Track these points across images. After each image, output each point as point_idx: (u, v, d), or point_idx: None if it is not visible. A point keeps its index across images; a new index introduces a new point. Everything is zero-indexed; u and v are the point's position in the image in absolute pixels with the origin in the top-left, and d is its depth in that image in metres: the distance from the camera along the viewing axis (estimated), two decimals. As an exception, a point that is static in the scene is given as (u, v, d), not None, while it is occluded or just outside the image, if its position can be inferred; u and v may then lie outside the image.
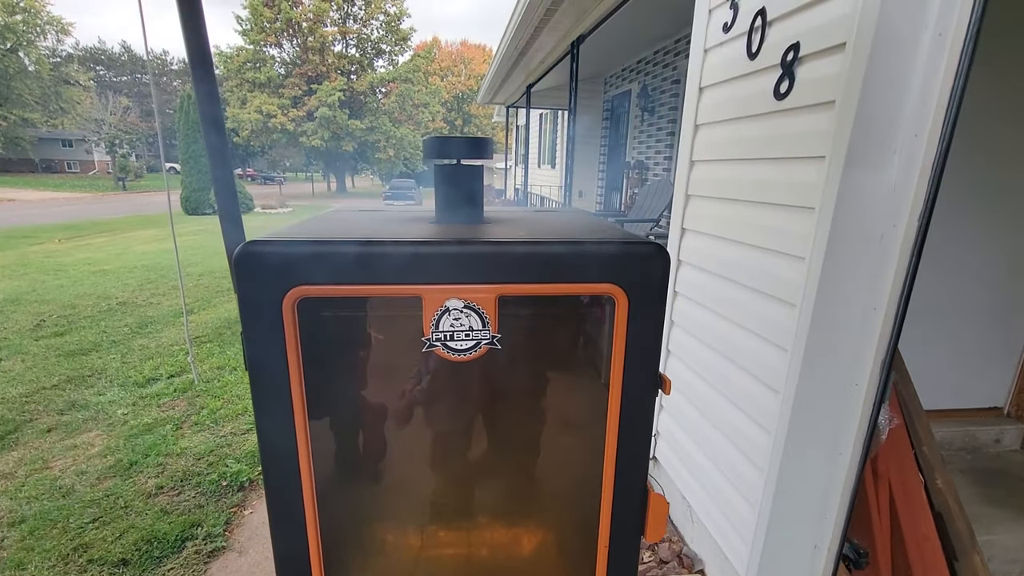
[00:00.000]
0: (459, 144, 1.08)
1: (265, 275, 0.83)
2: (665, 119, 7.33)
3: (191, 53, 1.03)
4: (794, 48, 1.61)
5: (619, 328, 0.90)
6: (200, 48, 1.03)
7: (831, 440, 1.64)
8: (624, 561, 1.04)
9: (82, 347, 4.63)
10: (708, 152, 2.17)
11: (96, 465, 2.82)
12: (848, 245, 1.46)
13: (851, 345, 1.55)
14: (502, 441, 1.04)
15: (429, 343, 0.87)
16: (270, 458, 0.90)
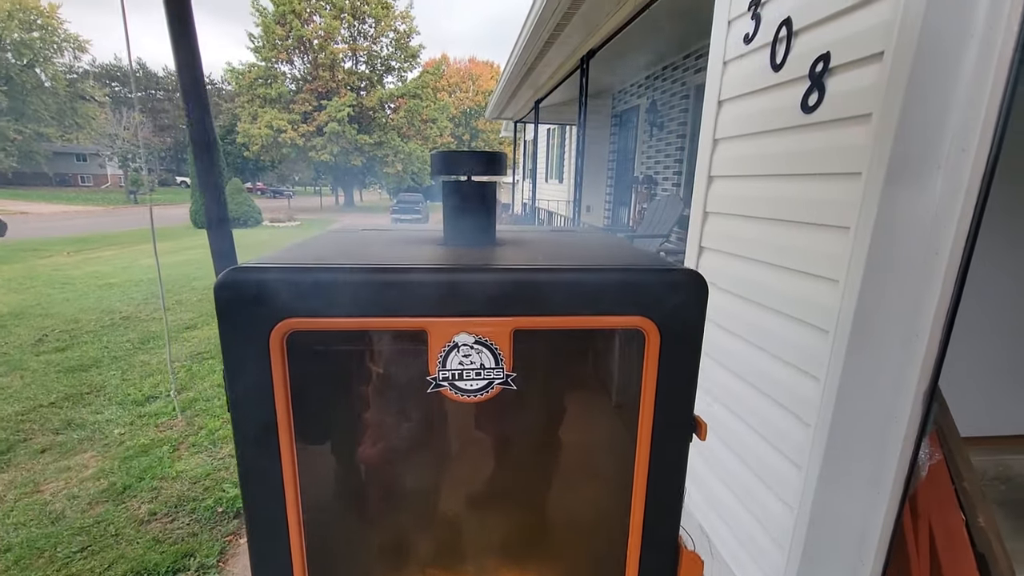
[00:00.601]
0: (470, 159, 0.98)
1: (250, 306, 0.73)
2: (674, 134, 7.27)
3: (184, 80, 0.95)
4: (824, 59, 1.51)
5: (649, 366, 0.79)
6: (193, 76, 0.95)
7: (869, 477, 1.51)
8: (653, 627, 0.92)
9: (83, 363, 4.56)
10: (728, 168, 2.08)
11: (88, 489, 2.71)
12: (888, 268, 1.35)
13: (890, 375, 1.43)
14: (516, 493, 0.93)
15: (435, 383, 0.77)
16: (255, 515, 0.80)
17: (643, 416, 0.82)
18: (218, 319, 0.73)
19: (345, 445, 0.88)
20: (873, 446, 1.49)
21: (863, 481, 1.51)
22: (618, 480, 0.86)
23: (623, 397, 0.85)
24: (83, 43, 42.95)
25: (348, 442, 0.88)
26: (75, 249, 12.54)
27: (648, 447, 0.83)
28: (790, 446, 1.65)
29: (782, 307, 1.70)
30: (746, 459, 1.90)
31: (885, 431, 1.47)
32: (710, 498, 2.19)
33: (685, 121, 7.02)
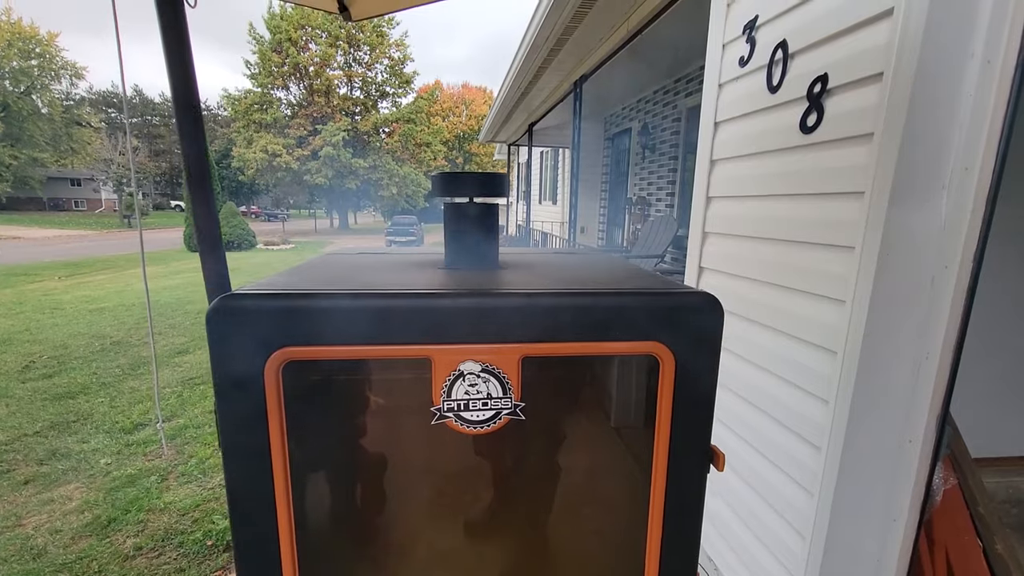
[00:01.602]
0: (472, 181, 0.96)
1: (244, 335, 0.69)
2: (667, 156, 7.35)
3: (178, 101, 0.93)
4: (822, 80, 1.52)
5: (664, 394, 0.76)
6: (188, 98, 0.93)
7: (884, 503, 1.46)
8: (671, 673, 0.86)
9: (70, 390, 4.45)
10: (726, 188, 2.07)
11: (72, 523, 2.61)
12: (896, 288, 1.32)
13: (902, 397, 1.40)
14: (525, 530, 0.88)
15: (440, 414, 0.73)
16: (246, 557, 0.74)
17: (658, 446, 0.78)
18: (210, 348, 0.69)
19: (344, 483, 0.83)
20: (887, 471, 1.45)
21: (878, 508, 1.47)
22: (633, 514, 0.82)
23: (637, 426, 0.81)
24: (80, 70, 43.40)
25: (347, 480, 0.83)
26: (67, 273, 12.41)
27: (664, 479, 0.79)
28: (801, 472, 1.60)
29: (787, 328, 1.67)
30: (755, 486, 1.84)
31: (898, 456, 1.43)
32: (718, 526, 2.12)
33: (677, 143, 7.11)
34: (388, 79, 35.91)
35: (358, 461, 0.82)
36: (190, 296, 8.99)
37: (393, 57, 35.55)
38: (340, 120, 32.44)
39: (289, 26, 31.49)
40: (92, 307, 8.08)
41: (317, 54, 32.94)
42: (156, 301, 8.54)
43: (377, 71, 35.54)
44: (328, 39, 32.94)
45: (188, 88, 0.88)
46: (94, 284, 10.72)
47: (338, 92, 34.09)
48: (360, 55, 34.79)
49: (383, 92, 36.21)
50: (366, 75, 35.13)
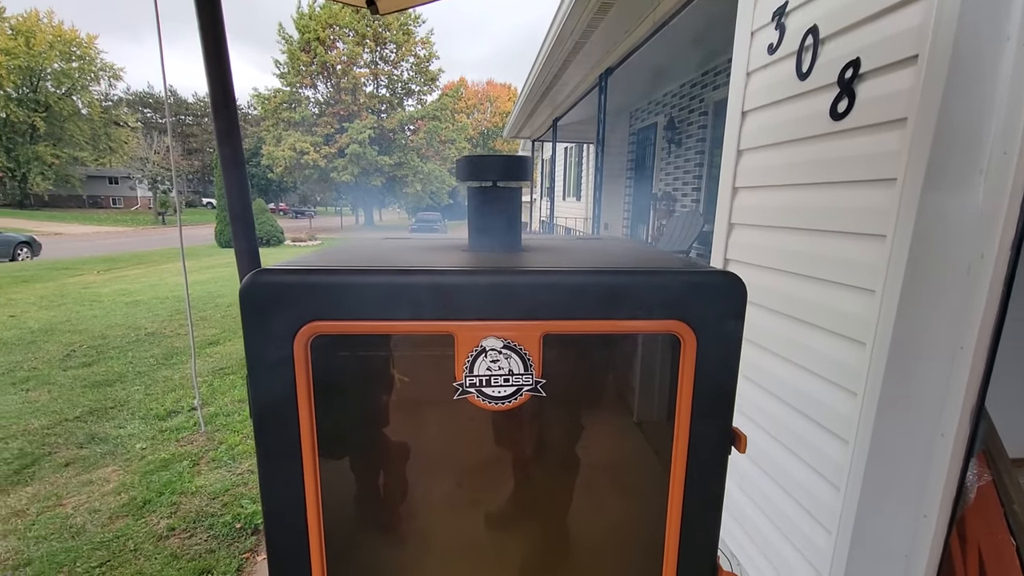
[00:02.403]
0: (495, 164, 0.97)
1: (275, 309, 0.72)
2: (693, 151, 7.24)
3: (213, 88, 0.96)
4: (853, 64, 1.48)
5: (685, 373, 0.76)
6: (223, 84, 0.96)
7: (914, 499, 1.43)
8: (690, 655, 0.86)
9: (108, 378, 4.63)
10: (753, 178, 2.04)
11: (110, 503, 2.72)
12: (929, 277, 1.29)
13: (934, 390, 1.36)
14: (544, 506, 0.89)
15: (461, 389, 0.74)
16: (274, 522, 0.77)
17: (679, 426, 0.78)
18: (243, 322, 0.72)
19: (367, 453, 0.85)
20: (917, 466, 1.41)
21: (908, 504, 1.43)
22: (652, 494, 0.82)
23: (658, 406, 0.81)
24: (118, 71, 44.88)
25: (370, 450, 0.85)
26: (105, 268, 12.89)
27: (684, 459, 0.79)
28: (828, 466, 1.57)
29: (815, 319, 1.64)
30: (779, 480, 1.82)
31: (930, 450, 1.39)
32: (741, 520, 2.10)
33: (704, 137, 7.00)
34: (414, 77, 36.22)
35: (381, 433, 0.84)
36: (220, 290, 9.25)
37: (419, 55, 35.82)
38: (366, 118, 32.86)
39: (317, 25, 32.00)
40: (128, 300, 8.38)
41: (344, 53, 33.41)
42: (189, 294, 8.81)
43: (403, 69, 35.88)
44: (355, 37, 33.37)
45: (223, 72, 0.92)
46: (130, 278, 11.11)
47: (364, 90, 34.52)
48: (386, 53, 35.16)
49: (408, 90, 36.55)
50: (392, 73, 35.49)
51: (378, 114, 34.59)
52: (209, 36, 1.08)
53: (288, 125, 32.77)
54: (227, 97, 1.04)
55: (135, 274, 11.77)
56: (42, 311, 7.44)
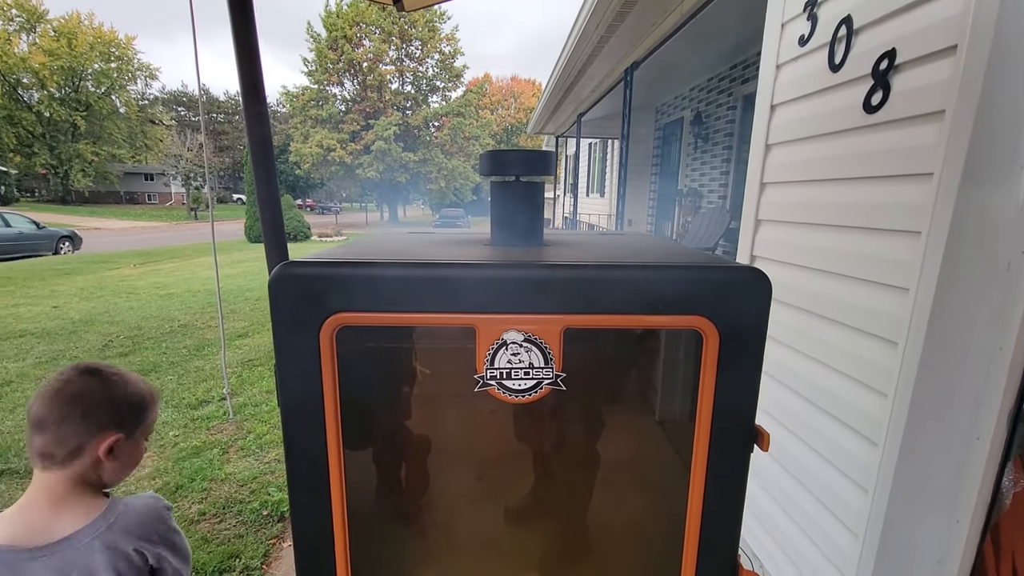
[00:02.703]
0: (518, 159, 0.97)
1: (302, 300, 0.73)
2: (720, 146, 7.11)
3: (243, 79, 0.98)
4: (888, 56, 1.44)
5: (707, 370, 0.75)
6: (254, 82, 0.98)
7: (946, 504, 1.39)
8: (709, 653, 0.86)
9: (143, 367, 4.80)
10: (782, 173, 2.00)
11: (145, 487, 2.83)
12: (966, 275, 1.24)
13: (970, 392, 1.31)
14: (562, 501, 0.89)
15: (482, 382, 0.75)
16: (301, 509, 0.79)
17: (700, 423, 0.77)
18: (271, 313, 0.74)
19: (389, 442, 0.87)
20: (950, 470, 1.37)
21: (939, 508, 1.39)
22: (672, 491, 0.82)
23: (679, 403, 0.80)
24: (154, 71, 46.29)
25: (392, 439, 0.87)
26: (140, 262, 13.34)
27: (705, 457, 0.78)
28: (855, 468, 1.53)
29: (844, 318, 1.60)
30: (805, 481, 1.78)
31: (964, 454, 1.35)
32: (764, 522, 2.06)
33: (732, 132, 6.86)
34: (438, 73, 36.41)
35: (403, 424, 0.86)
36: (249, 284, 9.48)
37: (444, 51, 35.98)
38: (391, 115, 33.19)
39: (344, 23, 32.42)
40: (162, 293, 8.66)
41: (371, 50, 33.78)
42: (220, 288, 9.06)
43: (428, 65, 36.11)
44: (381, 35, 33.70)
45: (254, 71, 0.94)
46: (164, 272, 11.47)
47: (390, 87, 34.86)
48: (412, 50, 35.42)
49: (433, 86, 36.76)
50: (417, 70, 35.75)
51: (403, 111, 34.91)
52: (241, 35, 1.11)
53: (315, 122, 33.32)
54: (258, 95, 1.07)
55: (169, 268, 12.16)
56: (82, 302, 7.75)
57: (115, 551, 0.89)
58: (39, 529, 0.87)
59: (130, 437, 0.98)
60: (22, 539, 0.85)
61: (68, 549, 0.87)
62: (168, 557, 0.98)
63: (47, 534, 0.87)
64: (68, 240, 16.24)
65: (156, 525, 0.98)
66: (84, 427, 0.91)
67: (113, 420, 0.95)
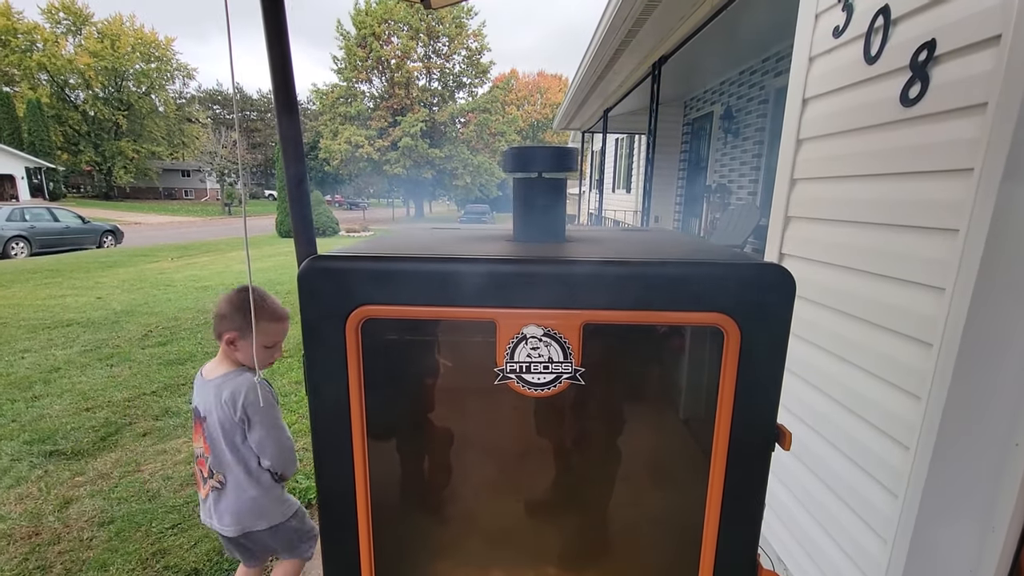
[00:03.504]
0: (541, 155, 0.98)
1: (329, 293, 0.76)
2: (751, 140, 6.95)
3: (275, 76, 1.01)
4: (928, 47, 1.39)
5: (728, 368, 0.75)
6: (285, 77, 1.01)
7: (982, 511, 1.34)
8: (727, 652, 0.85)
9: (180, 357, 4.98)
10: (813, 169, 1.95)
11: (181, 472, 2.95)
12: (1006, 274, 1.20)
13: (1009, 396, 1.27)
14: (579, 496, 0.90)
15: (502, 375, 0.76)
16: (327, 493, 0.82)
17: (720, 421, 0.77)
18: (300, 304, 0.77)
19: (411, 433, 0.89)
20: (987, 476, 1.32)
21: (974, 515, 1.34)
22: (692, 488, 0.82)
23: (699, 400, 0.80)
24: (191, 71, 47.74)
25: (414, 430, 0.89)
26: (177, 255, 13.81)
27: (725, 455, 0.78)
28: (885, 472, 1.50)
29: (876, 318, 1.56)
30: (832, 485, 1.74)
31: (1002, 460, 1.30)
32: (791, 526, 2.03)
33: (763, 127, 6.70)
34: (465, 69, 36.54)
35: (425, 415, 0.88)
36: (279, 278, 9.72)
37: (471, 47, 36.08)
38: (418, 111, 33.47)
39: (373, 21, 32.80)
40: (198, 285, 8.96)
41: (399, 47, 34.10)
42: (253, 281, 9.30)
43: (455, 62, 36.26)
44: (409, 32, 33.98)
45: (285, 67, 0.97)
46: (199, 265, 11.85)
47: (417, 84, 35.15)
48: (439, 46, 35.61)
49: (460, 83, 36.91)
50: (444, 66, 35.95)
51: (430, 107, 35.15)
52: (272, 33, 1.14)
53: (344, 119, 33.85)
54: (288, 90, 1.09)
55: (204, 261, 12.55)
56: (124, 294, 8.08)
57: (221, 397, 1.53)
58: (209, 369, 1.62)
59: (243, 338, 1.55)
60: (206, 371, 1.63)
61: (211, 384, 1.56)
62: (248, 418, 1.55)
63: (212, 373, 1.60)
64: (111, 234, 16.93)
65: (235, 396, 1.52)
66: (219, 324, 1.57)
67: (233, 324, 1.54)
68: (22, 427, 3.47)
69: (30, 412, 3.71)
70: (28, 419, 3.60)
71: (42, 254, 14.29)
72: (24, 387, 4.18)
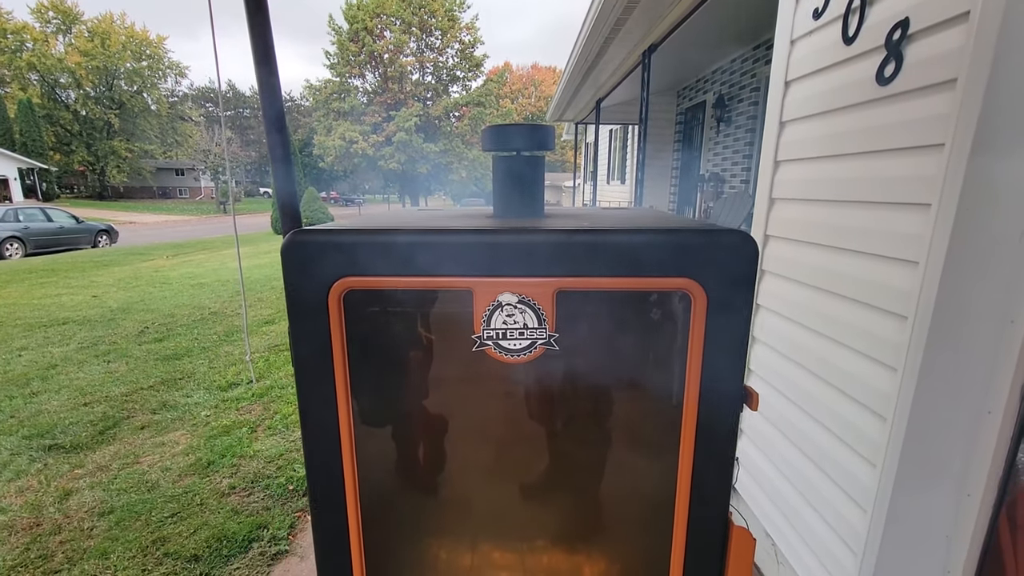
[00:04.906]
0: (518, 133, 1.01)
1: (311, 265, 0.79)
2: (743, 128, 6.97)
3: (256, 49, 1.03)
4: (902, 25, 1.41)
5: (696, 330, 0.78)
6: (264, 45, 1.03)
7: (956, 478, 1.38)
8: (701, 605, 0.89)
9: (176, 352, 5.00)
10: (795, 150, 1.98)
11: (179, 463, 2.98)
12: (976, 246, 1.23)
13: (981, 365, 1.30)
14: (558, 455, 0.93)
15: (480, 342, 0.79)
16: (312, 453, 0.85)
17: (690, 383, 0.80)
18: (284, 276, 0.80)
19: (393, 398, 0.92)
20: (961, 444, 1.36)
21: (949, 482, 1.39)
22: (664, 450, 0.85)
23: (670, 363, 0.83)
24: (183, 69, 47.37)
25: (396, 396, 0.92)
26: (173, 253, 13.79)
27: (695, 416, 0.81)
28: (864, 443, 1.54)
29: (856, 294, 1.59)
30: (814, 457, 1.79)
31: (975, 428, 1.34)
32: (776, 500, 2.07)
33: (755, 115, 6.72)
34: (459, 63, 36.39)
35: (405, 381, 0.91)
36: (275, 274, 9.73)
37: (464, 41, 35.91)
38: (412, 106, 33.34)
39: (365, 15, 32.59)
40: (193, 282, 8.96)
41: (391, 41, 33.90)
42: (246, 278, 9.32)
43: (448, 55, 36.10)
44: (402, 26, 33.78)
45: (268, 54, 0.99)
46: (195, 263, 11.84)
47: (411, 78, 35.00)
48: (432, 40, 35.43)
49: (454, 76, 36.77)
50: (437, 60, 35.79)
51: (424, 102, 35.03)
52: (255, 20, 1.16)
53: (338, 115, 33.70)
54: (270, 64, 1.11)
55: (199, 259, 12.54)
56: (119, 292, 8.08)
57: None
58: None
59: None
60: None
61: None
62: None
63: None
64: (105, 234, 16.87)
65: None
66: None
67: None
68: (21, 422, 3.50)
69: (28, 408, 3.74)
70: (27, 414, 3.62)
71: (37, 255, 14.25)
72: (22, 384, 4.20)
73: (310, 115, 39.54)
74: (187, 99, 51.63)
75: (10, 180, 28.94)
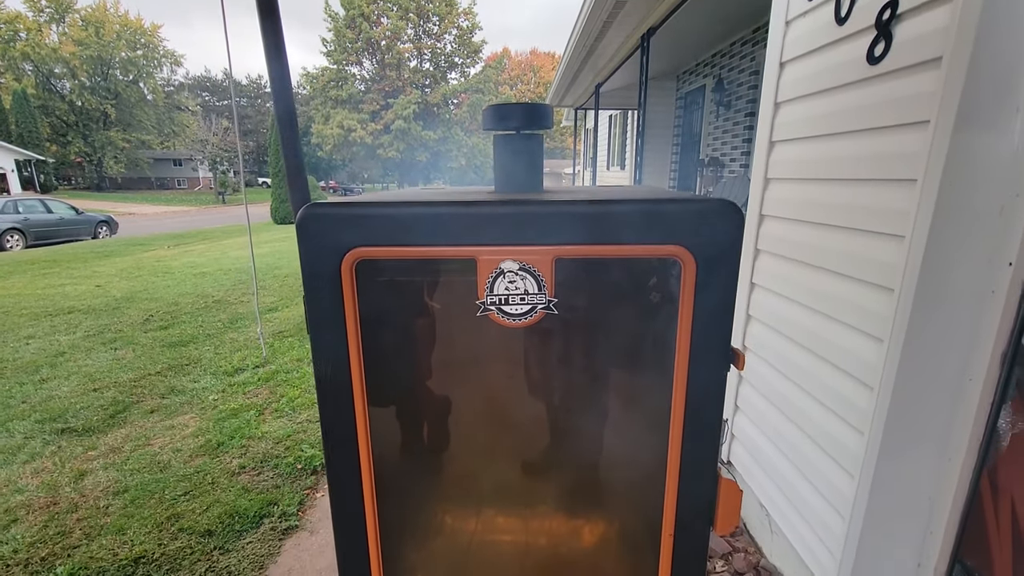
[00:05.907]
0: (518, 112, 1.05)
1: (324, 236, 0.84)
2: (743, 112, 6.97)
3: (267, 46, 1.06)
4: (891, 5, 1.45)
5: (686, 294, 0.83)
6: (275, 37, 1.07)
7: (939, 443, 1.45)
8: (691, 552, 0.96)
9: (182, 339, 5.07)
10: (790, 131, 2.02)
11: (189, 444, 3.05)
12: (959, 219, 1.28)
13: (963, 334, 1.36)
14: (557, 415, 1.00)
15: (483, 307, 0.85)
16: (329, 420, 0.91)
17: (680, 345, 0.86)
18: (299, 249, 0.85)
19: (404, 363, 0.98)
20: (943, 409, 1.42)
21: (932, 446, 1.45)
22: (657, 408, 0.91)
23: (662, 325, 0.89)
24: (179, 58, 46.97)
25: (406, 360, 0.98)
26: (174, 243, 13.82)
27: (685, 376, 0.87)
28: (853, 412, 1.60)
29: (846, 269, 1.65)
30: (805, 427, 1.85)
31: (957, 394, 1.40)
32: (769, 471, 2.14)
33: (755, 99, 6.71)
34: (457, 49, 36.09)
35: (413, 346, 0.96)
36: (277, 262, 9.78)
37: (461, 26, 35.57)
38: (411, 93, 33.12)
39: (362, 1, 32.23)
40: (196, 272, 9.01)
41: (389, 28, 33.58)
42: (248, 266, 9.37)
43: (446, 42, 35.79)
44: (399, 12, 33.43)
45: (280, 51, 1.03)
46: (196, 252, 11.88)
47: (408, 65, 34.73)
48: (429, 26, 35.08)
49: (452, 63, 36.50)
50: (435, 46, 35.48)
51: (422, 89, 34.80)
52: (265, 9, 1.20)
53: (335, 103, 33.50)
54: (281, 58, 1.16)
55: (200, 249, 12.58)
56: (122, 281, 8.14)
57: None
58: None
59: None
60: None
61: None
62: None
63: None
64: (105, 225, 16.88)
65: None
66: None
67: None
68: (32, 407, 3.57)
69: (39, 393, 3.81)
70: (38, 400, 3.70)
71: (37, 246, 14.29)
72: (31, 371, 4.27)
73: (307, 103, 39.31)
74: (183, 88, 51.28)
75: (7, 172, 28.86)
